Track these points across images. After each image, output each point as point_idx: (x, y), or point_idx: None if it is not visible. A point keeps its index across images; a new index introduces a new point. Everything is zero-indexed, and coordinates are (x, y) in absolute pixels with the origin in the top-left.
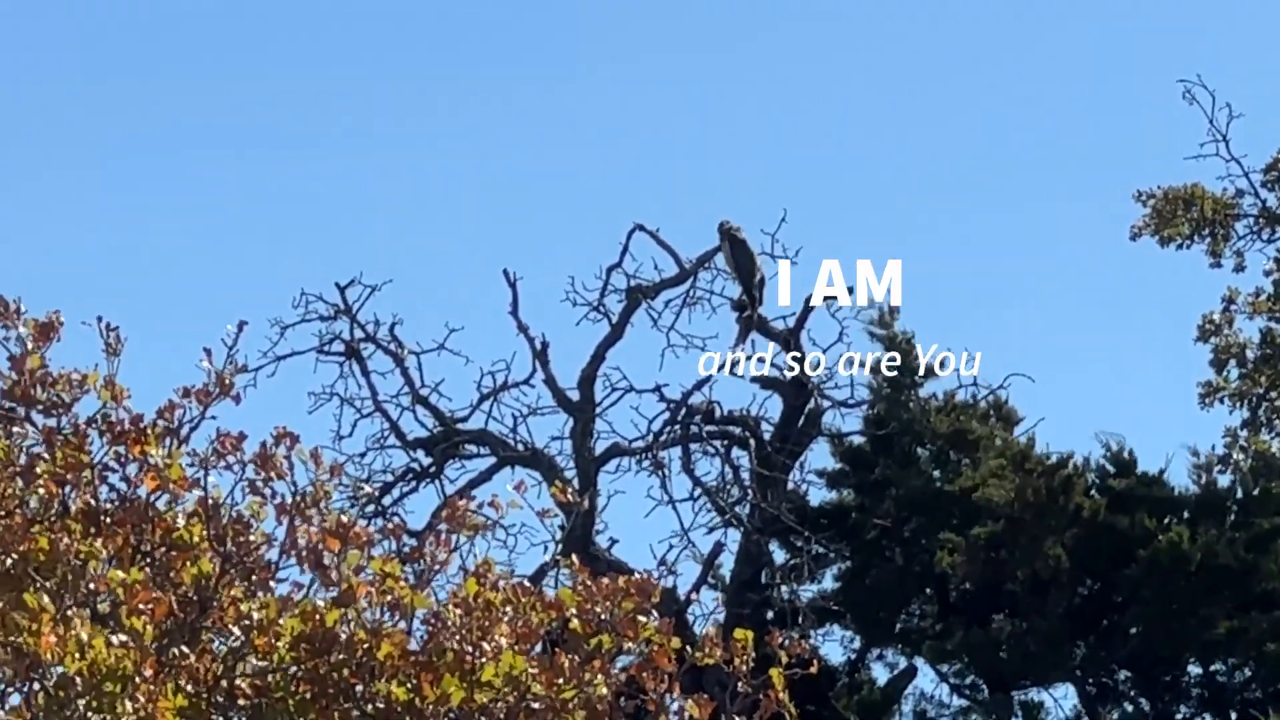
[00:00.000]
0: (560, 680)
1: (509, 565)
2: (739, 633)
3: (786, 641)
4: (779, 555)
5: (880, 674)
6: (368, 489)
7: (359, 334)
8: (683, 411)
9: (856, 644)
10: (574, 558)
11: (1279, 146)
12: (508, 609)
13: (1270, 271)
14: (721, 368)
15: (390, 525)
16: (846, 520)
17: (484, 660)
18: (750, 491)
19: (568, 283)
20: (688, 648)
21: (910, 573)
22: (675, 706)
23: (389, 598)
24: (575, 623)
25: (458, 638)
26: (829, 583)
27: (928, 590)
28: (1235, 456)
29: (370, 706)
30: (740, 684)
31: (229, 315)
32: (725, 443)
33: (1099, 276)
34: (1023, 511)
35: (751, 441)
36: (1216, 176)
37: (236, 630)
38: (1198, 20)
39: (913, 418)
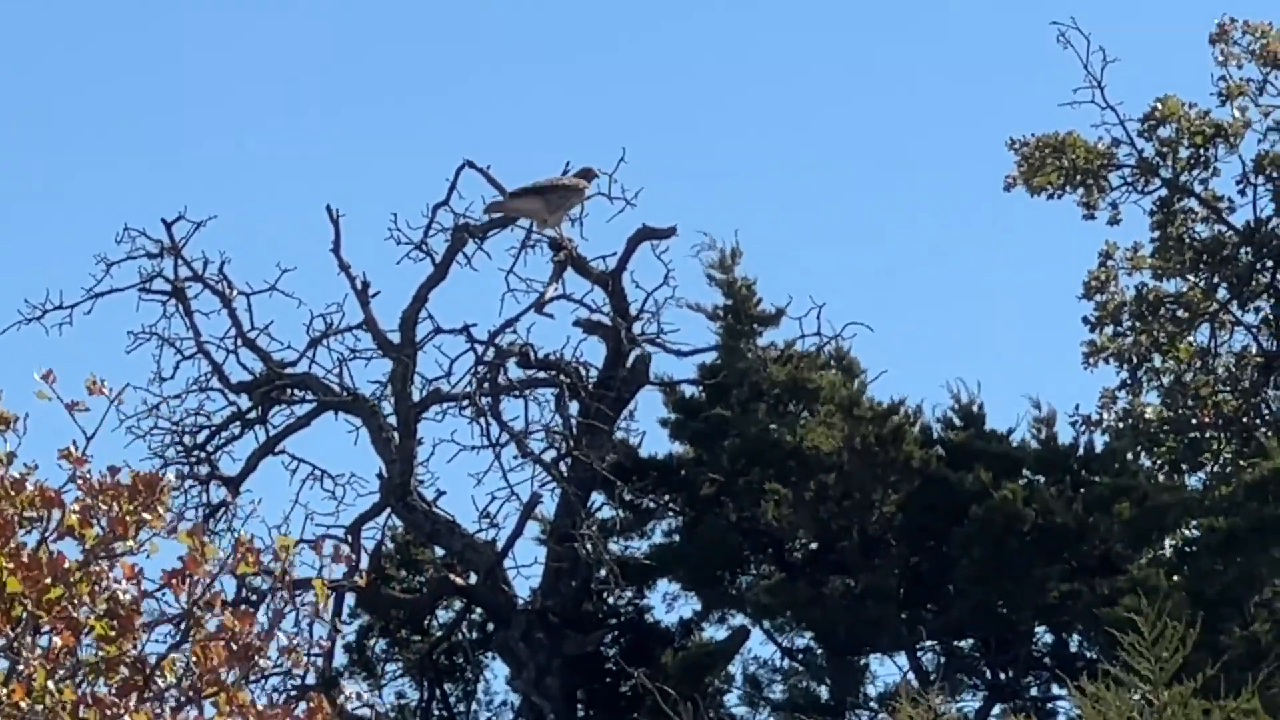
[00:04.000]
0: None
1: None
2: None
3: None
4: (609, 509)
5: (720, 636)
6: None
7: (186, 272)
8: (489, 353)
9: (694, 604)
10: None
11: (1156, 95)
12: None
13: (1158, 224)
14: (531, 308)
15: None
16: (678, 473)
17: None
18: (566, 440)
19: (391, 220)
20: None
21: (745, 529)
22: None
23: None
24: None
25: None
26: (660, 538)
27: (768, 549)
28: (1106, 417)
29: None
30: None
31: (51, 248)
32: (557, 390)
33: (974, 229)
34: (850, 461)
35: (564, 388)
36: (1091, 125)
37: None
38: None
39: (749, 367)
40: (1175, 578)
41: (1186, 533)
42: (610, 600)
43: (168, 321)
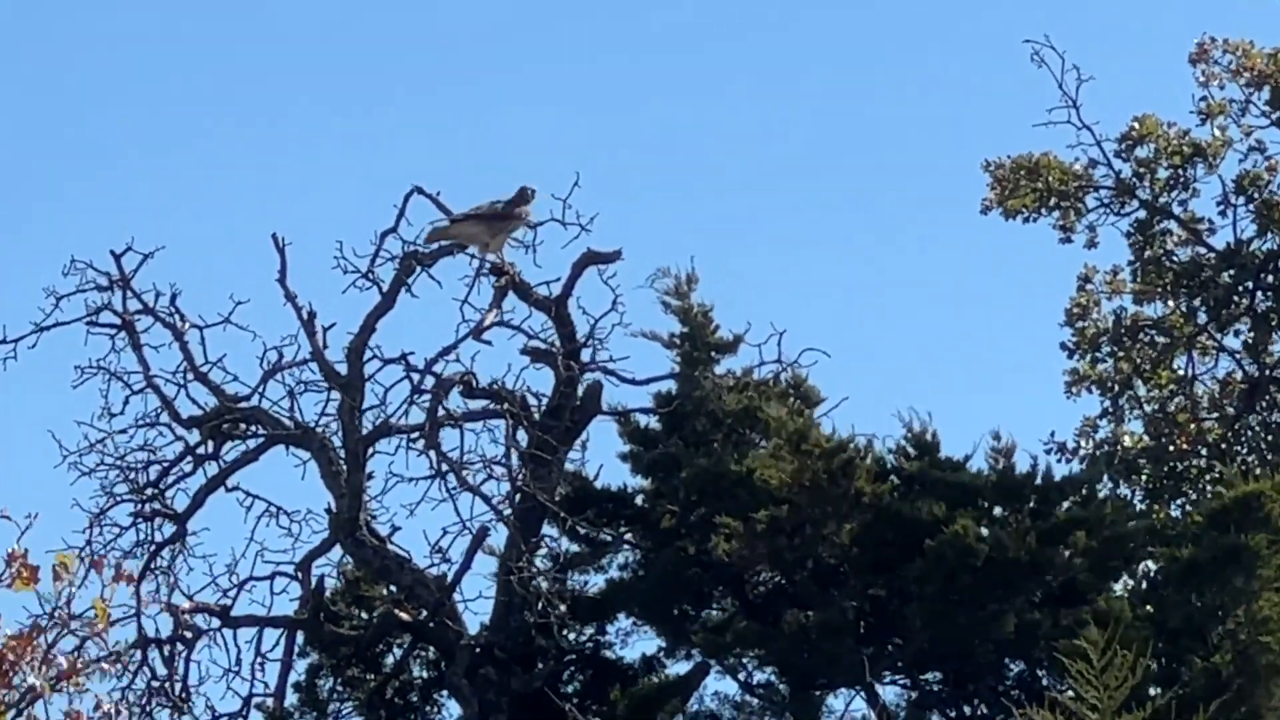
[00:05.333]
0: None
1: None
2: None
3: None
4: (566, 542)
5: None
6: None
7: (136, 305)
8: (425, 381)
9: (651, 639)
10: None
11: (1134, 114)
12: None
13: (1136, 246)
14: (469, 335)
15: None
16: (633, 505)
17: None
18: (509, 472)
19: (337, 248)
20: None
21: (703, 562)
22: None
23: None
24: None
25: None
26: (616, 572)
27: (727, 583)
28: (1084, 446)
29: None
30: None
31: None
32: (511, 421)
33: (950, 253)
34: (800, 495)
35: (508, 420)
36: (1067, 145)
37: None
38: None
39: (706, 395)
40: (1140, 608)
41: (1152, 563)
42: (570, 636)
43: (116, 356)
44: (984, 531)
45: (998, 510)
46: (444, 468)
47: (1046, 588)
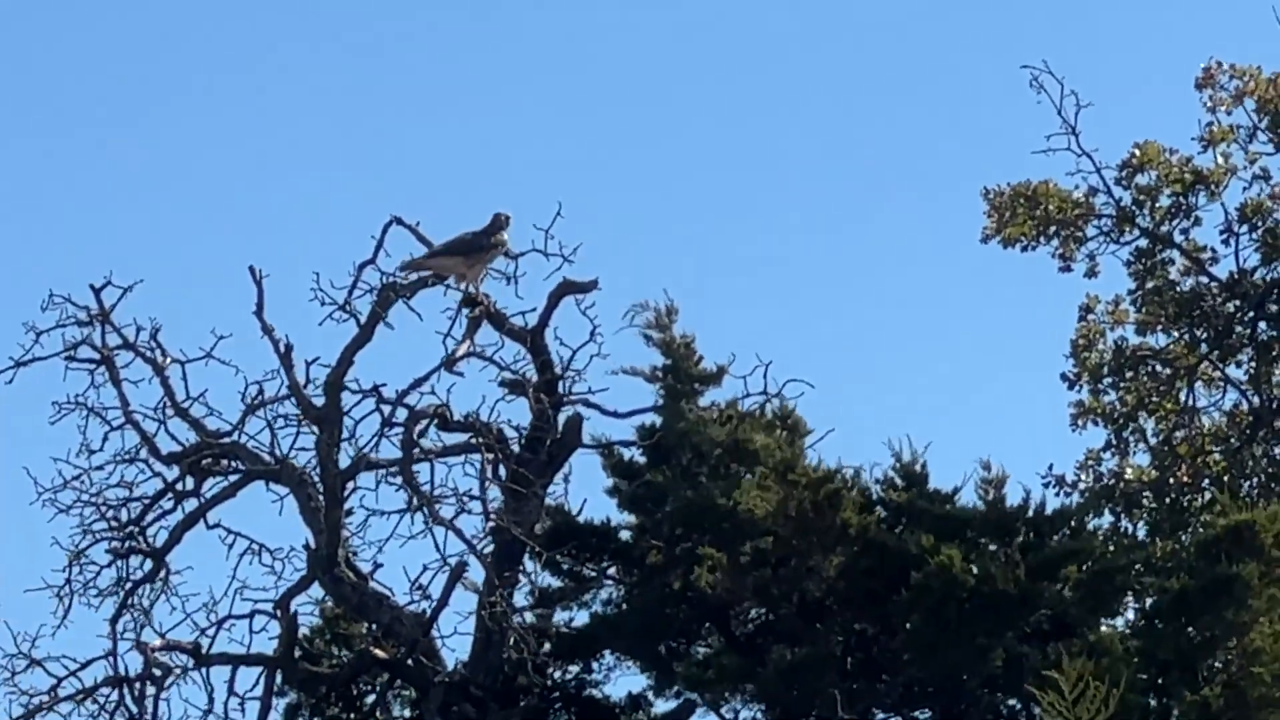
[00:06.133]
0: None
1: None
2: None
3: None
4: (549, 577)
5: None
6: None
7: (116, 340)
8: (396, 414)
9: (634, 675)
10: None
11: (1134, 141)
12: None
13: (1137, 275)
14: (440, 367)
15: None
16: (616, 539)
17: None
18: (483, 506)
19: (314, 280)
20: None
21: (688, 597)
22: None
23: None
24: None
25: None
26: (600, 607)
27: (713, 618)
28: (1084, 479)
29: None
30: None
31: None
32: (493, 456)
33: (951, 283)
34: (785, 526)
35: (484, 451)
36: (1067, 172)
37: None
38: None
39: (690, 428)
40: (1131, 642)
41: (1146, 596)
42: (555, 674)
43: (96, 391)
44: (972, 564)
45: (986, 542)
46: (415, 503)
47: (1037, 621)
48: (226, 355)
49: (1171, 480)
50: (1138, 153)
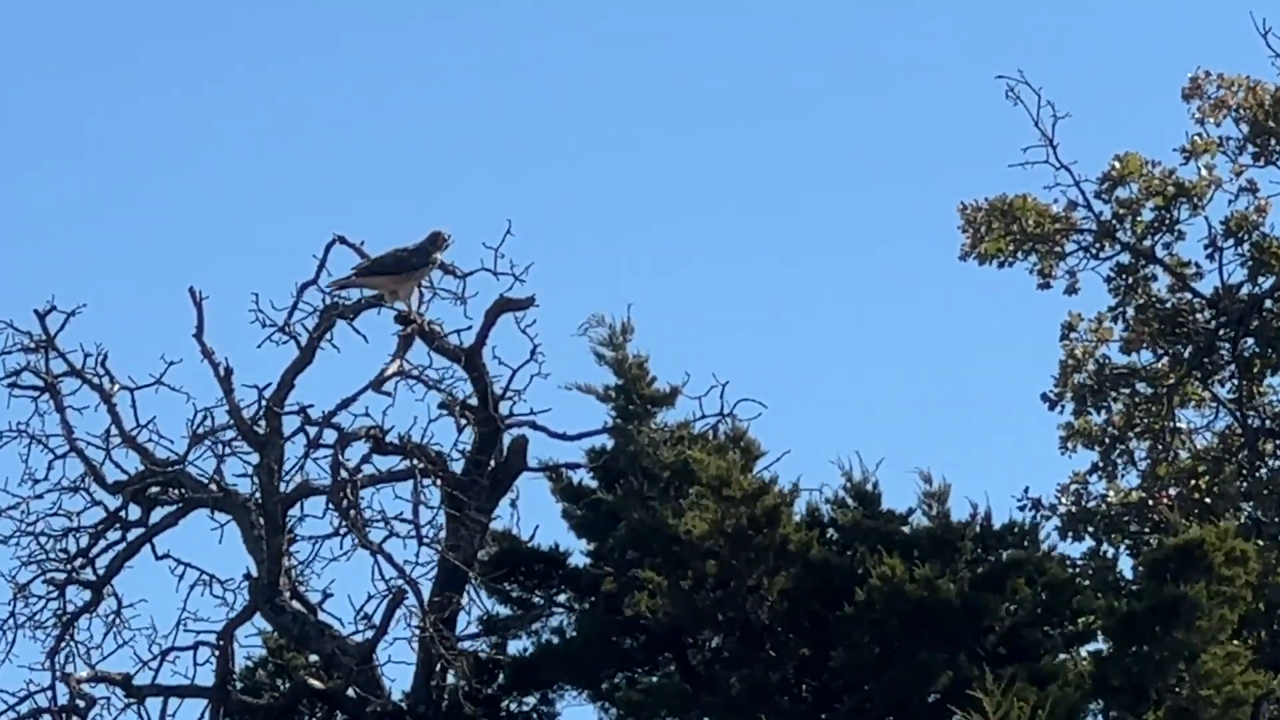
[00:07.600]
0: None
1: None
2: None
3: None
4: (492, 604)
5: None
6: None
7: (62, 366)
8: (322, 435)
9: (582, 704)
10: None
11: (1114, 153)
12: None
13: (1118, 291)
14: (369, 387)
15: None
16: (565, 565)
17: None
18: (416, 530)
19: (253, 301)
20: None
21: (638, 623)
22: None
23: None
24: None
25: None
26: (548, 635)
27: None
28: (1063, 502)
29: None
30: None
31: None
32: (437, 481)
33: (928, 300)
34: (723, 545)
35: (416, 476)
36: (1045, 186)
37: None
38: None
39: (641, 450)
40: (1085, 665)
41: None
42: (504, 703)
43: (41, 419)
44: (915, 578)
45: (933, 558)
46: (343, 528)
47: (991, 644)
48: (177, 381)
49: (1151, 502)
50: (1118, 165)
